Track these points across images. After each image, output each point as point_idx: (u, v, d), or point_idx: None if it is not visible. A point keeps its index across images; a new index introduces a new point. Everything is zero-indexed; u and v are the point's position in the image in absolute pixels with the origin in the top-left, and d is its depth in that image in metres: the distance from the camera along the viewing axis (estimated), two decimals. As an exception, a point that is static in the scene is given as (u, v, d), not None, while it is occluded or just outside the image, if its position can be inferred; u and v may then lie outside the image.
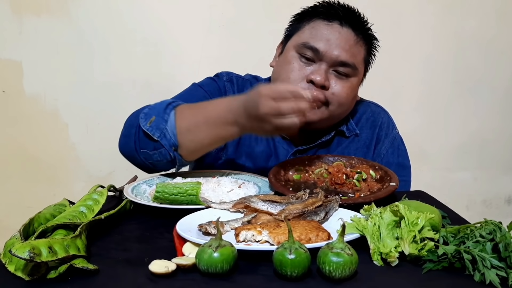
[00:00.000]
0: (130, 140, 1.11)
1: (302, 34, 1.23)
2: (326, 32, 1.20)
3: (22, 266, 0.68)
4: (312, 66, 1.20)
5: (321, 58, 1.19)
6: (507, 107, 2.35)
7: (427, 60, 2.25)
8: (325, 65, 1.19)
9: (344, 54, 1.19)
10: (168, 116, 1.07)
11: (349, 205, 0.95)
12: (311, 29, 1.22)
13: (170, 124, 1.06)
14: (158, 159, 1.09)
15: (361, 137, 1.34)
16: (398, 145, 1.36)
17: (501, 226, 0.75)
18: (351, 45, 1.20)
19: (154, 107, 1.11)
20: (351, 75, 1.22)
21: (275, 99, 0.93)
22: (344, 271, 0.67)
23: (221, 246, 0.69)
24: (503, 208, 2.46)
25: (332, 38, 1.19)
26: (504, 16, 2.25)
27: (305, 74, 1.19)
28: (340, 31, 1.20)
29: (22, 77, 2.04)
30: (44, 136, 2.10)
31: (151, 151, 1.08)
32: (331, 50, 1.18)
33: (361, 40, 1.23)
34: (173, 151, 1.07)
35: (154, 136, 1.06)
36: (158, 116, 1.07)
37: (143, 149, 1.09)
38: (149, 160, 1.11)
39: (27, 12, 1.98)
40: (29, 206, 1.34)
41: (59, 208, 0.90)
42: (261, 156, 1.31)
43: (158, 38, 2.06)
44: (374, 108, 1.40)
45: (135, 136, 1.10)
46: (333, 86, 1.20)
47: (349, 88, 1.23)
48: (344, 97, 1.22)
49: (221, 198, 1.00)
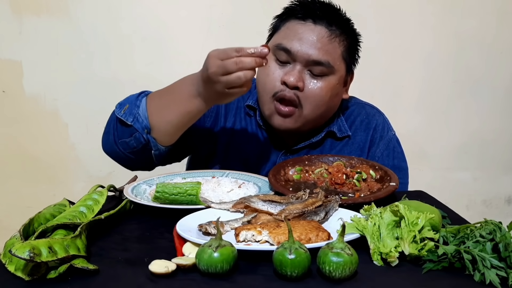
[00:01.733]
0: (109, 135, 1.17)
1: (277, 36, 1.22)
2: (299, 31, 1.18)
3: (22, 266, 0.68)
4: (287, 67, 1.19)
5: (295, 59, 1.18)
6: (507, 107, 2.35)
7: (427, 60, 2.25)
8: (299, 65, 1.18)
9: (317, 53, 1.17)
10: (140, 102, 1.13)
11: (349, 205, 0.95)
12: (285, 30, 1.21)
13: (142, 108, 1.12)
14: (134, 145, 1.14)
15: (355, 140, 1.33)
16: (393, 147, 1.34)
17: (501, 226, 0.75)
18: (325, 42, 1.17)
19: (128, 97, 1.17)
20: (327, 74, 1.19)
21: (222, 59, 0.97)
22: (344, 271, 0.67)
23: (221, 246, 0.69)
24: (503, 208, 2.46)
25: (305, 37, 1.17)
26: (505, 16, 2.25)
27: (279, 75, 1.18)
28: (313, 30, 1.17)
29: (22, 77, 2.04)
30: (44, 136, 2.10)
31: (127, 139, 1.14)
32: (303, 50, 1.16)
33: (337, 36, 1.19)
34: (146, 133, 1.11)
35: (127, 121, 1.11)
36: (131, 103, 1.14)
37: (120, 139, 1.15)
38: (127, 150, 1.15)
39: (27, 12, 1.98)
40: (29, 206, 1.34)
41: (59, 208, 0.90)
42: (252, 157, 1.31)
43: (158, 38, 2.06)
44: (369, 110, 1.38)
45: (113, 129, 1.15)
46: (307, 87, 1.18)
47: (325, 87, 1.19)
48: (319, 97, 1.19)
49: (221, 198, 1.00)
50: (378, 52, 2.14)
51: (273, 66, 1.20)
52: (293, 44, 1.17)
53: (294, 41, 1.17)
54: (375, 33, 2.12)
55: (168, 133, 1.14)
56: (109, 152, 1.20)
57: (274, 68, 1.20)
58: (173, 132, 1.14)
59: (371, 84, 2.13)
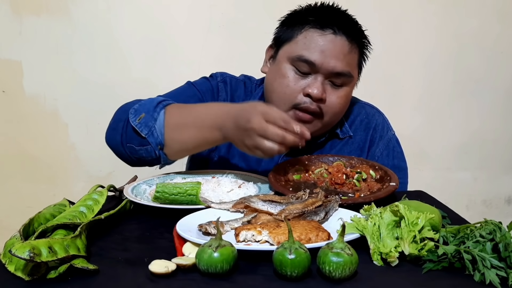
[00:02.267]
0: (117, 133, 1.13)
1: (295, 45, 1.19)
2: (321, 43, 1.16)
3: (22, 266, 0.68)
4: (308, 79, 1.18)
5: (317, 71, 1.17)
6: (507, 108, 2.35)
7: (428, 60, 2.25)
8: (321, 77, 1.17)
9: (340, 65, 1.17)
10: (158, 114, 1.08)
11: (349, 205, 0.95)
12: (304, 39, 1.18)
13: (159, 123, 1.07)
14: (144, 155, 1.11)
15: (355, 140, 1.33)
16: (393, 147, 1.34)
17: (501, 226, 0.75)
18: (345, 53, 1.18)
19: (145, 103, 1.12)
20: (346, 84, 1.21)
21: (267, 120, 0.93)
22: (344, 271, 0.67)
23: (221, 246, 0.69)
24: (503, 208, 2.46)
25: (327, 49, 1.16)
26: (505, 17, 2.25)
27: (301, 87, 1.18)
28: (334, 41, 1.17)
29: (22, 77, 2.04)
30: (44, 136, 2.10)
31: (137, 147, 1.10)
32: (326, 62, 1.16)
33: (356, 47, 1.21)
34: (158, 149, 1.09)
35: (142, 133, 1.07)
36: (147, 113, 1.08)
37: (129, 144, 1.11)
38: (134, 155, 1.12)
39: (27, 12, 1.98)
40: (29, 206, 1.34)
41: (59, 208, 0.90)
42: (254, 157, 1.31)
43: (158, 38, 2.06)
44: (369, 110, 1.38)
45: (122, 130, 1.11)
46: (329, 98, 1.19)
47: (344, 97, 1.22)
48: (339, 108, 1.22)
49: (221, 198, 1.00)
50: (378, 52, 2.13)
51: (292, 76, 1.18)
52: (316, 56, 1.16)
53: (317, 53, 1.16)
54: (376, 34, 2.10)
55: (180, 152, 1.12)
56: (113, 148, 1.17)
57: (294, 79, 1.18)
58: (185, 153, 1.14)
59: (371, 84, 2.12)
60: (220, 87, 1.34)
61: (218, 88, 1.33)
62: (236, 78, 1.39)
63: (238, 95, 1.35)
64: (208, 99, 1.30)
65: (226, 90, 1.34)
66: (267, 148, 0.94)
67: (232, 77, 1.38)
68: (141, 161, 1.14)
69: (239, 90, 1.36)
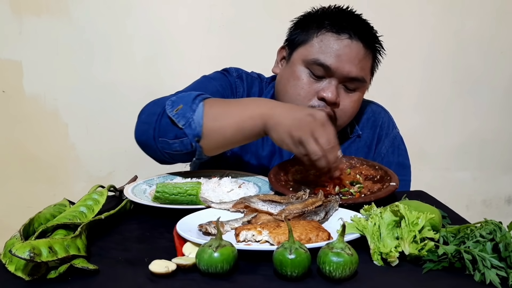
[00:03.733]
0: (149, 127, 1.07)
1: (310, 48, 1.19)
2: (336, 47, 1.16)
3: (22, 266, 0.68)
4: (323, 83, 1.18)
5: (332, 75, 1.17)
6: (506, 107, 2.35)
7: (427, 60, 2.25)
8: (336, 81, 1.18)
9: (355, 70, 1.17)
10: (197, 106, 1.04)
11: (349, 205, 0.95)
12: (320, 43, 1.18)
13: (197, 114, 1.03)
14: (178, 149, 1.06)
15: (362, 137, 1.34)
16: (398, 145, 1.36)
17: (501, 226, 0.75)
18: (361, 59, 1.18)
19: (182, 96, 1.08)
20: (359, 88, 1.22)
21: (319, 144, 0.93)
22: (344, 271, 0.67)
23: (221, 246, 0.69)
24: (503, 208, 2.46)
25: (343, 53, 1.16)
26: (504, 16, 2.25)
27: (315, 90, 1.18)
28: (350, 46, 1.17)
29: (22, 77, 2.04)
30: (44, 136, 2.10)
31: (171, 140, 1.05)
32: (342, 67, 1.16)
33: (371, 52, 1.22)
34: (195, 141, 1.04)
35: (179, 124, 1.03)
36: (186, 105, 1.04)
37: (162, 137, 1.06)
38: (166, 149, 1.07)
39: (27, 12, 1.98)
40: (29, 206, 1.34)
41: (59, 208, 0.90)
42: (266, 155, 1.31)
43: (158, 38, 2.06)
44: (375, 108, 1.40)
45: (155, 123, 1.06)
46: (343, 102, 1.20)
47: (357, 101, 1.23)
48: (352, 112, 1.23)
49: (221, 198, 1.00)
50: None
51: (307, 79, 1.19)
52: (332, 60, 1.16)
53: (332, 57, 1.16)
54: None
55: (218, 145, 1.07)
56: (143, 144, 1.11)
57: (308, 82, 1.18)
58: (222, 145, 1.08)
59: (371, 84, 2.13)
60: (237, 83, 1.33)
61: (236, 84, 1.33)
62: (250, 74, 1.38)
63: (254, 92, 1.35)
64: (229, 95, 1.29)
65: (243, 86, 1.33)
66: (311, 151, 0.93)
67: (247, 73, 1.37)
68: (173, 157, 1.09)
69: (255, 87, 1.36)
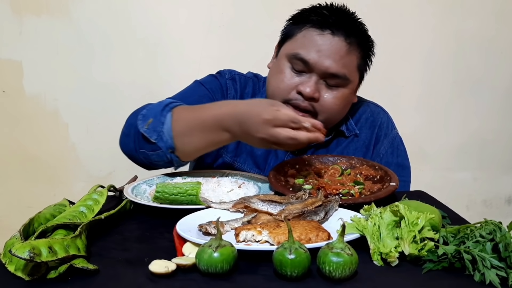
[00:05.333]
0: (130, 139, 1.12)
1: (294, 43, 1.21)
2: (318, 42, 1.16)
3: (22, 266, 0.68)
4: (303, 77, 1.18)
5: (312, 70, 1.17)
6: (507, 107, 2.35)
7: (427, 60, 2.25)
8: (316, 76, 1.17)
9: (335, 66, 1.16)
10: (165, 118, 1.07)
11: (349, 205, 0.95)
12: (302, 38, 1.19)
13: (166, 126, 1.06)
14: (156, 159, 1.10)
15: (360, 137, 1.33)
16: (397, 145, 1.35)
17: (501, 226, 0.75)
18: (342, 55, 1.17)
19: (152, 108, 1.11)
20: (342, 86, 1.20)
21: (275, 125, 0.94)
22: (344, 271, 0.67)
23: (221, 246, 0.69)
24: (503, 208, 2.46)
25: (323, 48, 1.16)
26: (504, 16, 2.24)
27: (295, 84, 1.18)
28: (331, 41, 1.16)
29: (22, 77, 2.04)
30: (44, 136, 2.10)
31: (149, 152, 1.09)
32: (321, 62, 1.16)
33: (355, 48, 1.20)
34: (169, 153, 1.07)
35: (151, 139, 1.06)
36: (155, 118, 1.07)
37: (142, 149, 1.10)
38: (148, 159, 1.11)
39: (27, 12, 1.98)
40: (29, 206, 1.35)
41: (59, 208, 0.90)
42: (261, 155, 1.32)
43: (158, 38, 2.06)
44: (374, 108, 1.39)
45: (134, 136, 1.10)
46: (323, 97, 1.19)
47: (340, 98, 1.21)
48: (334, 108, 1.21)
49: (221, 198, 1.00)
50: (378, 52, 2.14)
51: (288, 73, 1.20)
52: (311, 55, 1.16)
53: (312, 52, 1.16)
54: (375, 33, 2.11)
55: (192, 154, 1.11)
56: (127, 154, 1.16)
57: (289, 76, 1.19)
58: (198, 154, 1.12)
59: (371, 84, 2.12)
60: (228, 85, 1.34)
61: (227, 86, 1.34)
62: (244, 75, 1.39)
63: (247, 92, 1.36)
64: (219, 97, 1.30)
65: (235, 87, 1.34)
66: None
67: (240, 75, 1.38)
68: (156, 165, 1.13)
69: (248, 87, 1.36)
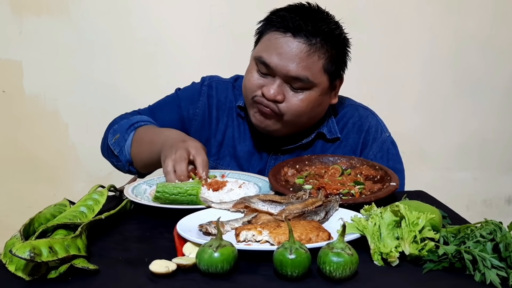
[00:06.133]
0: (104, 148, 1.36)
1: (259, 46, 1.22)
2: (278, 46, 1.16)
3: (23, 266, 0.68)
4: (267, 79, 1.19)
5: (274, 73, 1.17)
6: (506, 107, 2.35)
7: (427, 60, 2.25)
8: (279, 79, 1.17)
9: (295, 68, 1.14)
10: (128, 136, 1.27)
11: (349, 205, 0.95)
12: (266, 42, 1.19)
13: (127, 143, 1.26)
14: (121, 168, 1.33)
15: (347, 142, 1.32)
16: (387, 149, 1.32)
17: (501, 226, 0.75)
18: (303, 57, 1.14)
19: (122, 125, 1.30)
20: (307, 88, 1.18)
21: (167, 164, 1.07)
22: (344, 271, 0.67)
23: (222, 246, 0.69)
24: (503, 208, 2.46)
25: (284, 52, 1.15)
26: (503, 16, 2.25)
27: (260, 85, 1.19)
28: (291, 44, 1.15)
29: (22, 77, 2.04)
30: (44, 136, 2.10)
31: (114, 161, 1.32)
32: (281, 65, 1.15)
33: (318, 50, 1.16)
34: (128, 165, 1.29)
35: (115, 152, 1.28)
36: (121, 134, 1.28)
37: (111, 158, 1.34)
38: (116, 166, 1.35)
39: (27, 12, 1.98)
40: (29, 206, 1.35)
41: (59, 208, 0.90)
42: (244, 156, 1.33)
43: (158, 38, 2.06)
44: (362, 112, 1.36)
45: (106, 146, 1.32)
46: (288, 99, 1.18)
47: (305, 100, 1.18)
48: (299, 111, 1.19)
49: (221, 198, 1.00)
50: (377, 52, 2.14)
51: (255, 74, 1.20)
52: (272, 58, 1.16)
53: (273, 56, 1.16)
54: (375, 34, 2.12)
55: (143, 167, 1.29)
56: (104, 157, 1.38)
57: (256, 77, 1.20)
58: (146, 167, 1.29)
59: (370, 84, 2.13)
60: (202, 91, 1.36)
61: (200, 92, 1.36)
62: (224, 80, 1.40)
63: (226, 96, 1.37)
64: (185, 103, 1.36)
65: (210, 93, 1.36)
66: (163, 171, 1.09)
67: (219, 81, 1.39)
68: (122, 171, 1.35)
69: (226, 91, 1.37)
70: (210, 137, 1.35)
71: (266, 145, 1.32)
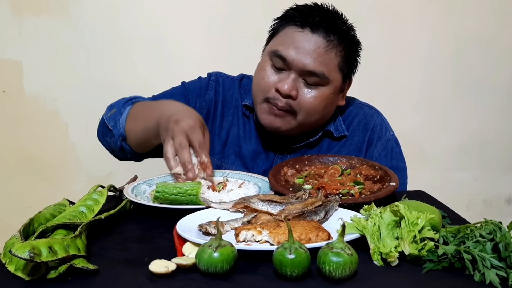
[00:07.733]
0: (100, 126, 1.32)
1: (275, 40, 1.22)
2: (296, 40, 1.16)
3: (22, 266, 0.68)
4: (282, 74, 1.19)
5: (290, 67, 1.17)
6: (507, 107, 2.35)
7: (427, 60, 2.25)
8: (294, 73, 1.17)
9: (312, 63, 1.15)
10: (124, 109, 1.23)
11: (349, 205, 0.95)
12: (283, 36, 1.20)
13: (123, 117, 1.21)
14: (113, 146, 1.27)
15: (352, 141, 1.32)
16: (391, 148, 1.33)
17: (501, 226, 0.75)
18: (321, 53, 1.16)
19: (119, 101, 1.28)
20: (321, 84, 1.19)
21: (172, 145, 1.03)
22: (344, 271, 0.67)
23: (221, 246, 0.69)
24: (503, 208, 2.46)
25: (301, 46, 1.16)
26: (504, 16, 2.25)
27: (274, 82, 1.19)
28: (310, 38, 1.16)
29: (22, 77, 2.04)
30: (44, 136, 2.10)
31: (109, 139, 1.26)
32: (298, 59, 1.15)
33: (335, 47, 1.18)
34: (120, 140, 1.23)
35: (109, 126, 1.23)
36: (117, 109, 1.24)
37: (105, 137, 1.28)
38: (109, 146, 1.29)
39: (27, 12, 1.98)
40: (29, 206, 1.35)
41: (59, 208, 0.90)
42: (249, 155, 1.32)
43: (158, 38, 2.06)
44: (367, 111, 1.37)
45: (102, 124, 1.29)
46: (301, 96, 1.18)
47: (319, 97, 1.19)
48: (312, 107, 1.19)
49: (221, 198, 1.00)
50: (378, 52, 2.14)
51: (269, 71, 1.20)
52: (289, 52, 1.16)
53: (290, 49, 1.16)
54: (375, 33, 2.12)
55: (135, 142, 1.21)
56: (100, 141, 1.33)
57: (269, 73, 1.20)
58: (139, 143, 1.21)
59: (371, 84, 2.13)
60: (210, 86, 1.36)
61: (208, 86, 1.36)
62: (230, 78, 1.40)
63: (232, 94, 1.37)
64: (193, 96, 1.34)
65: (217, 89, 1.36)
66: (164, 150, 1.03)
67: (226, 77, 1.39)
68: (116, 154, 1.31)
69: (232, 89, 1.37)
70: (213, 133, 1.34)
71: (272, 144, 1.32)
